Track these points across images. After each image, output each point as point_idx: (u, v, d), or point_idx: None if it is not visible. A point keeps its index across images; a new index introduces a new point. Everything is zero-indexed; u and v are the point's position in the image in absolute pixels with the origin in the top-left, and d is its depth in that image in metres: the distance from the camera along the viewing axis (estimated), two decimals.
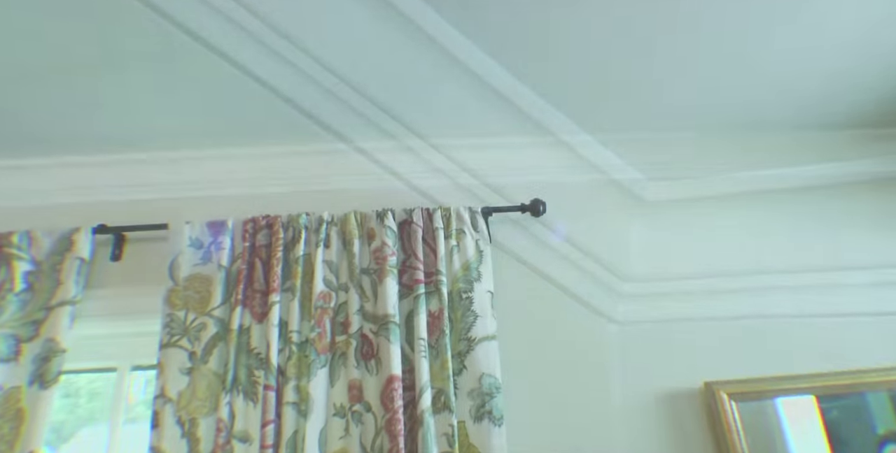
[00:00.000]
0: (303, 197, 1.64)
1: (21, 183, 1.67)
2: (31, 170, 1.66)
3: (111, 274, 1.60)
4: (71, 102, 1.48)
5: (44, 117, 1.52)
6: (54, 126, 1.55)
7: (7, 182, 1.68)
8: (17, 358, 1.45)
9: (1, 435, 1.38)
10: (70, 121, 1.54)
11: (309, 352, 1.41)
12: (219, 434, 1.33)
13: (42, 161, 1.65)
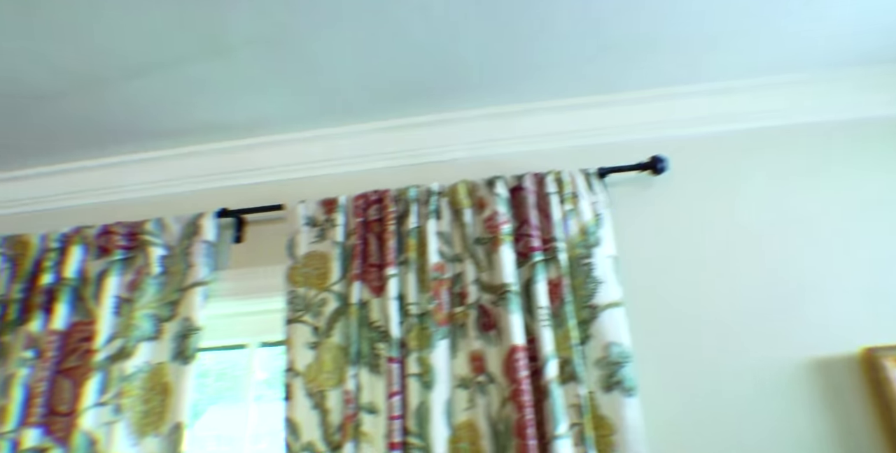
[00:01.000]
0: (411, 170, 1.63)
1: (148, 175, 1.78)
2: (156, 163, 1.76)
3: (235, 255, 1.68)
4: (185, 93, 1.54)
5: (161, 111, 1.60)
6: (172, 118, 1.63)
7: (136, 175, 1.79)
8: (160, 336, 1.55)
9: (151, 407, 1.48)
10: (186, 112, 1.61)
11: (428, 324, 1.40)
12: (347, 405, 1.36)
13: (165, 153, 1.75)
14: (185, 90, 1.53)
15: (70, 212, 1.83)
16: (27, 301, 1.64)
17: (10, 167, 1.84)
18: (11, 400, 1.50)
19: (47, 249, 1.67)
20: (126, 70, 1.44)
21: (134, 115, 1.60)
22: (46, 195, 1.85)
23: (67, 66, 1.41)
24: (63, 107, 1.57)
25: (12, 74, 1.43)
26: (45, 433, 1.49)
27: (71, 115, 1.60)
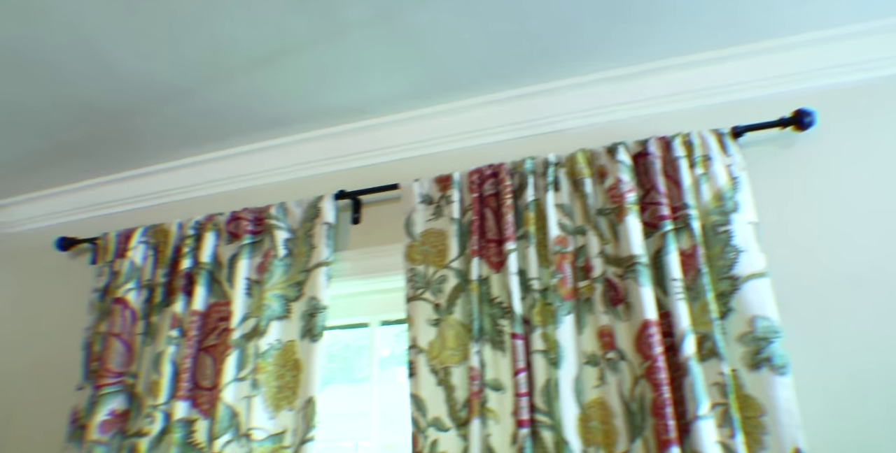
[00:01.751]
0: (526, 142, 1.58)
1: (270, 162, 1.86)
2: (276, 150, 1.84)
3: (354, 236, 1.71)
4: (301, 80, 1.57)
5: (280, 99, 1.65)
6: (289, 106, 1.68)
7: (258, 163, 1.88)
8: (289, 315, 1.61)
9: (285, 382, 1.55)
10: (302, 99, 1.65)
11: (551, 299, 1.35)
12: (472, 382, 1.34)
13: (284, 140, 1.81)
14: (301, 77, 1.56)
15: (202, 201, 1.95)
16: (170, 284, 1.77)
17: (149, 162, 1.98)
18: (162, 375, 1.62)
19: (184, 236, 1.79)
20: (246, 60, 1.49)
21: (255, 106, 1.67)
22: (181, 186, 1.98)
23: (193, 60, 1.48)
24: (191, 102, 1.66)
25: (145, 74, 1.53)
26: (192, 405, 1.59)
27: (199, 110, 1.69)
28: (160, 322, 1.73)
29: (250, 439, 1.48)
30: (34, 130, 1.81)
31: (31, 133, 1.83)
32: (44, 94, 1.62)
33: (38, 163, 2.01)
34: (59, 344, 1.98)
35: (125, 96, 1.63)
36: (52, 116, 1.74)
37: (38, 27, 1.36)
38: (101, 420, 1.63)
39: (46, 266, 2.15)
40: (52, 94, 1.62)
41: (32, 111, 1.71)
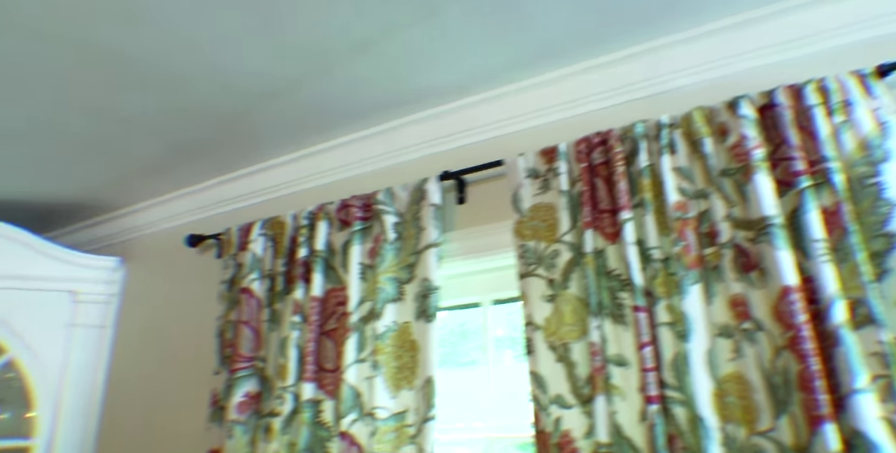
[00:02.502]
0: (634, 105, 1.50)
1: (374, 148, 1.89)
2: (378, 136, 1.87)
3: (461, 216, 1.70)
4: (401, 62, 1.57)
5: (381, 83, 1.66)
6: (390, 89, 1.69)
7: (363, 151, 1.92)
8: (402, 297, 1.63)
9: (403, 363, 1.57)
10: (402, 81, 1.65)
11: (675, 269, 1.26)
12: (593, 358, 1.29)
13: (387, 125, 1.83)
14: (400, 59, 1.56)
15: (313, 192, 2.02)
16: (289, 273, 1.85)
17: (261, 159, 2.09)
18: (288, 359, 1.70)
19: (298, 227, 1.86)
20: (347, 47, 1.51)
21: (357, 93, 1.70)
22: (292, 179, 2.06)
23: (295, 53, 1.52)
24: (296, 96, 1.72)
25: (250, 72, 1.60)
26: (317, 387, 1.66)
27: (304, 103, 1.75)
28: (283, 308, 1.81)
29: (374, 418, 1.52)
30: (157, 138, 1.96)
31: (154, 141, 1.98)
32: (161, 102, 1.74)
33: (163, 168, 2.17)
34: (195, 332, 2.13)
35: (233, 97, 1.71)
36: (170, 123, 1.87)
37: (149, 38, 1.45)
38: (238, 401, 1.74)
39: (178, 262, 2.32)
40: (168, 102, 1.74)
41: (154, 120, 1.84)
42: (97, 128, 1.89)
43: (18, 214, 2.58)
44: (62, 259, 2.41)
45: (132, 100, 1.73)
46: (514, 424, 1.77)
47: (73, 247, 2.63)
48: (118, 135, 1.93)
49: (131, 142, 1.98)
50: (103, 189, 2.37)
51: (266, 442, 1.67)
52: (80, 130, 1.90)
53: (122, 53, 1.51)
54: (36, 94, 1.68)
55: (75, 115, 1.81)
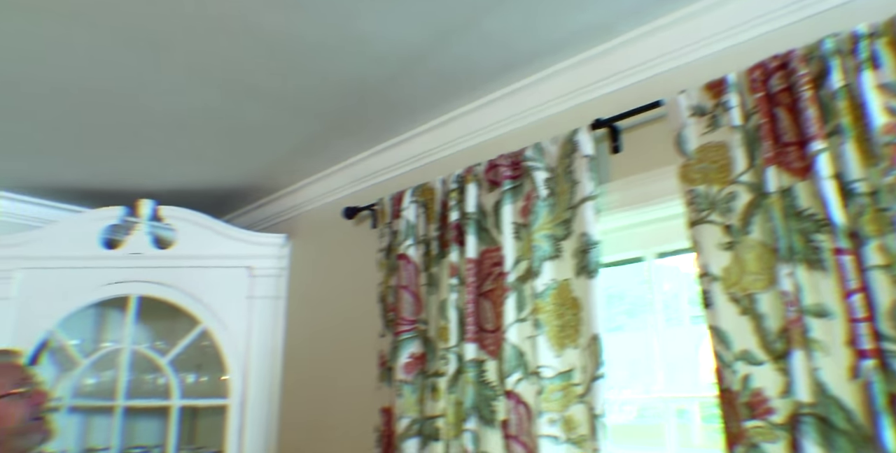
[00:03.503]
0: (814, 21, 1.29)
1: (519, 104, 1.83)
2: (524, 91, 1.80)
3: (616, 165, 1.60)
4: (540, 8, 1.49)
5: (520, 35, 1.59)
6: (526, 43, 1.61)
7: (508, 108, 1.87)
8: (560, 254, 1.57)
9: (565, 321, 1.52)
10: (537, 33, 1.57)
11: (886, 203, 1.08)
12: (787, 308, 1.14)
13: (531, 78, 1.76)
14: (534, 7, 1.48)
15: (461, 155, 2.02)
16: (442, 237, 1.87)
17: (408, 128, 2.12)
18: (448, 320, 1.72)
19: (448, 191, 1.87)
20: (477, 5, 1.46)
21: (497, 48, 1.64)
22: (439, 145, 2.07)
23: (433, 12, 1.50)
24: (438, 58, 1.70)
25: (391, 38, 1.60)
26: (479, 347, 1.66)
27: (447, 65, 1.72)
28: (439, 272, 1.84)
29: (539, 377, 1.49)
30: (312, 117, 2.06)
31: (310, 120, 2.08)
32: (314, 80, 1.81)
33: (319, 146, 2.29)
34: (359, 299, 2.24)
35: (378, 65, 1.73)
36: (323, 101, 1.94)
37: (294, 13, 1.49)
38: (404, 362, 1.80)
39: (338, 235, 2.45)
40: (317, 78, 1.80)
41: (309, 99, 1.92)
42: (262, 113, 2.02)
43: (200, 201, 2.86)
44: (238, 238, 2.65)
45: (291, 81, 1.82)
46: (686, 384, 1.66)
47: (246, 227, 2.88)
48: (280, 117, 2.05)
49: (291, 123, 2.10)
50: (268, 171, 2.55)
51: (433, 400, 1.71)
52: (248, 116, 2.05)
53: (282, 36, 1.58)
54: (210, 83, 1.83)
55: (244, 102, 1.95)
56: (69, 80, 1.78)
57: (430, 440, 1.68)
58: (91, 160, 2.43)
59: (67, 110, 1.98)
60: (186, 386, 2.72)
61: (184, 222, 2.67)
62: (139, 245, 2.66)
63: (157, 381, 2.76)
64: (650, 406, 1.77)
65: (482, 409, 1.60)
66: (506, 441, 1.53)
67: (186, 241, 2.65)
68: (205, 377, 2.79)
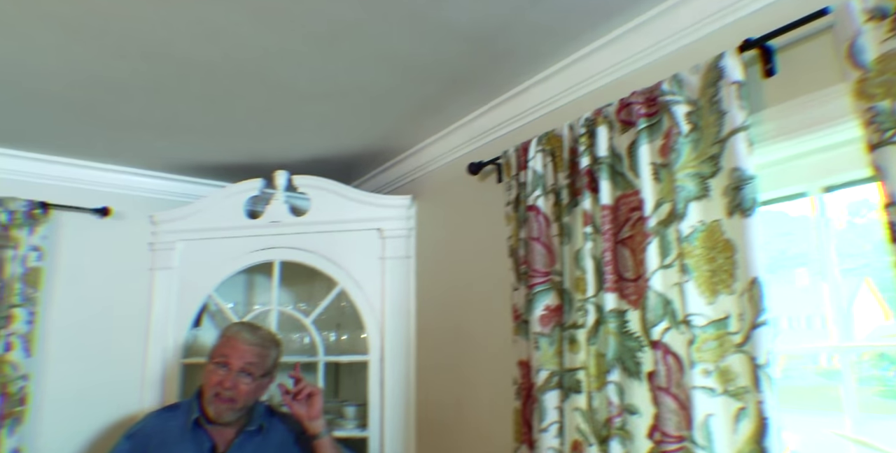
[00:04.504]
0: None
1: (650, 36, 1.68)
2: (656, 20, 1.64)
3: (770, 91, 1.42)
4: None
5: None
6: None
7: (637, 43, 1.71)
8: (707, 194, 1.44)
9: (718, 265, 1.39)
10: None
11: None
12: None
13: (663, 6, 1.61)
14: None
15: (588, 98, 1.90)
16: (572, 185, 1.78)
17: (528, 76, 2.03)
18: (584, 271, 1.65)
19: (576, 137, 1.77)
20: None
21: None
22: (562, 90, 1.97)
23: None
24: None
25: None
26: (619, 297, 1.58)
27: (559, 5, 1.62)
28: (572, 222, 1.76)
29: (690, 326, 1.38)
30: (430, 77, 2.03)
31: (428, 80, 2.05)
32: (428, 37, 1.76)
33: (438, 106, 2.26)
34: (488, 254, 2.23)
35: (491, 12, 1.65)
36: (439, 59, 1.90)
37: None
38: (539, 315, 1.75)
39: (462, 192, 2.44)
40: (432, 34, 1.75)
41: (425, 59, 1.90)
42: (386, 78, 2.03)
43: (328, 168, 2.98)
44: (367, 202, 2.73)
45: (411, 43, 1.79)
46: (859, 337, 1.48)
47: (373, 191, 2.96)
48: (402, 81, 2.05)
49: (412, 86, 2.09)
50: (391, 135, 2.58)
51: (572, 352, 1.66)
52: (373, 82, 2.06)
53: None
54: (338, 52, 1.85)
55: (369, 69, 1.96)
56: (210, 56, 1.87)
57: (571, 392, 1.63)
58: (229, 137, 2.59)
59: (207, 89, 2.10)
60: (328, 343, 2.88)
61: (316, 190, 2.78)
62: (278, 213, 2.82)
63: (304, 340, 2.95)
64: (792, 364, 1.61)
65: (626, 361, 1.53)
66: (653, 393, 1.44)
67: (320, 208, 2.77)
68: (344, 335, 2.94)
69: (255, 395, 2.11)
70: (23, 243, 2.62)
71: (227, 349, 2.09)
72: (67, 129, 2.47)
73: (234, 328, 2.18)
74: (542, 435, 1.66)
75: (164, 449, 2.02)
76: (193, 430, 2.06)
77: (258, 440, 2.12)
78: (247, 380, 2.06)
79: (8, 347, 2.50)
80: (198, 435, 2.06)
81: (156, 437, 2.05)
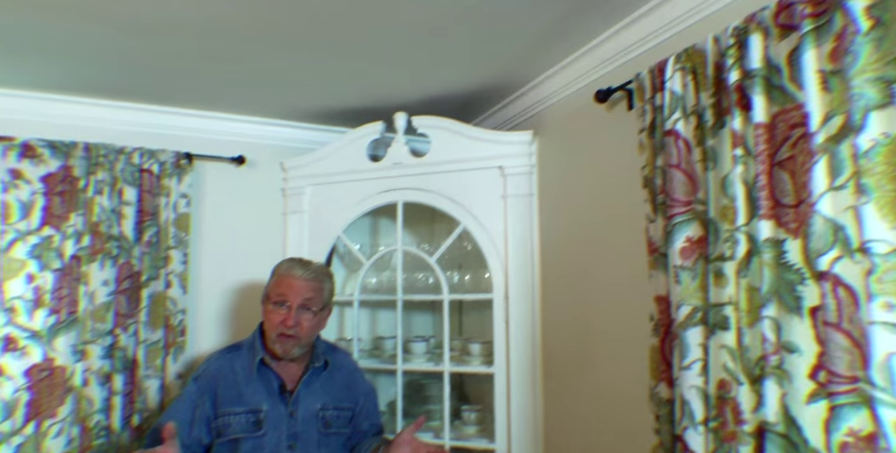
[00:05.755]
0: None
1: None
2: None
3: None
4: None
5: None
6: None
7: None
8: (892, 100, 1.22)
9: None
10: None
11: None
12: None
13: None
14: None
15: (733, 7, 1.68)
16: (718, 105, 1.60)
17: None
18: (733, 198, 1.49)
19: (722, 50, 1.57)
20: None
21: None
22: (700, 2, 1.75)
23: None
24: None
25: None
26: (776, 225, 1.41)
27: None
28: (717, 145, 1.59)
29: (867, 254, 1.21)
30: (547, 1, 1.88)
31: (545, 4, 1.90)
32: None
33: (557, 33, 2.10)
34: (617, 186, 2.10)
35: None
36: None
37: None
38: (679, 247, 1.63)
39: (587, 123, 2.30)
40: None
41: None
42: (507, 2, 1.91)
43: (446, 108, 2.93)
44: (487, 139, 2.66)
45: None
46: None
47: (493, 129, 2.88)
48: (523, 3, 1.92)
49: (534, 9, 1.95)
50: (510, 68, 2.46)
51: (718, 286, 1.53)
52: (493, 9, 1.94)
53: None
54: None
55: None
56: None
57: (717, 329, 1.51)
58: (350, 82, 2.59)
59: (333, 34, 2.09)
60: (451, 283, 2.91)
61: (436, 129, 2.76)
62: (399, 155, 2.83)
63: (428, 280, 3.01)
64: None
65: (783, 295, 1.38)
66: (818, 329, 1.30)
67: (440, 148, 2.75)
68: (467, 275, 2.95)
69: (316, 329, 2.13)
70: (173, 191, 2.85)
71: (282, 288, 2.07)
72: (205, 84, 2.60)
73: (285, 265, 2.15)
74: (683, 373, 1.57)
75: (233, 390, 2.03)
76: (260, 370, 2.06)
77: (325, 376, 2.16)
78: (307, 316, 2.06)
79: (168, 285, 2.77)
80: (265, 374, 2.07)
81: (223, 378, 2.05)
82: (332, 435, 2.10)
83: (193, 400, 2.02)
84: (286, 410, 2.04)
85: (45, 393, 2.50)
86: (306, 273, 2.10)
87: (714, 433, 1.49)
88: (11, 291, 2.52)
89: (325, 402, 2.11)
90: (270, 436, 1.99)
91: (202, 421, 2.00)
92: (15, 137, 2.60)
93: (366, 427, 2.23)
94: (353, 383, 2.22)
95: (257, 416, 2.00)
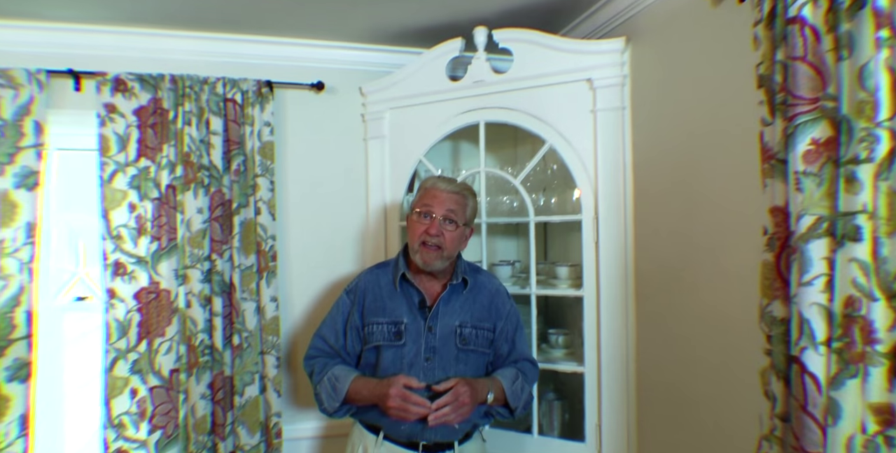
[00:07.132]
0: None
1: None
2: None
3: None
4: None
5: None
6: None
7: None
8: None
9: None
10: None
11: None
12: None
13: None
14: None
15: None
16: None
17: None
18: (872, 90, 1.29)
19: None
20: None
21: None
22: None
23: None
24: None
25: None
26: None
27: None
28: (855, 28, 1.36)
29: None
30: None
31: None
32: None
33: None
34: (721, 91, 1.89)
35: None
36: None
37: None
38: (803, 150, 1.44)
39: (689, 24, 2.06)
40: None
41: None
42: None
43: (530, 19, 2.72)
44: (573, 50, 2.46)
45: None
46: None
47: (581, 39, 2.67)
48: None
49: None
50: None
51: (850, 193, 1.35)
52: None
53: None
54: None
55: None
56: None
57: (847, 240, 1.35)
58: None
59: None
60: (537, 206, 2.82)
61: (518, 43, 2.58)
62: (480, 73, 2.69)
63: (512, 204, 2.93)
64: None
65: None
66: None
67: (522, 63, 2.58)
68: (553, 197, 2.84)
69: (458, 244, 2.13)
70: (256, 120, 2.86)
71: (427, 199, 2.11)
72: (279, 8, 2.53)
73: (431, 179, 2.19)
74: (803, 289, 1.43)
75: (378, 303, 2.14)
76: (402, 285, 2.15)
77: (466, 295, 2.16)
78: (450, 227, 2.08)
79: (257, 212, 2.84)
80: (406, 289, 2.15)
81: (370, 293, 2.17)
82: (470, 352, 2.13)
83: (345, 311, 2.20)
84: (424, 325, 2.11)
85: (153, 314, 2.68)
86: (451, 186, 2.14)
87: (838, 354, 1.37)
88: (116, 220, 2.66)
89: (464, 320, 2.15)
90: (410, 347, 2.08)
91: (353, 330, 2.16)
92: (107, 72, 2.66)
93: (505, 350, 2.23)
94: (494, 305, 2.22)
95: (398, 328, 2.10)
